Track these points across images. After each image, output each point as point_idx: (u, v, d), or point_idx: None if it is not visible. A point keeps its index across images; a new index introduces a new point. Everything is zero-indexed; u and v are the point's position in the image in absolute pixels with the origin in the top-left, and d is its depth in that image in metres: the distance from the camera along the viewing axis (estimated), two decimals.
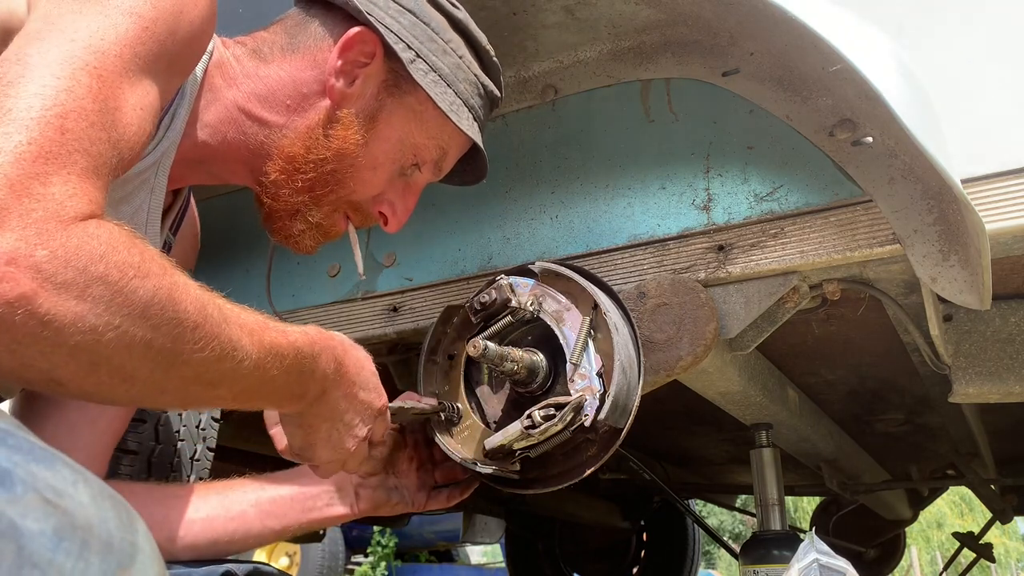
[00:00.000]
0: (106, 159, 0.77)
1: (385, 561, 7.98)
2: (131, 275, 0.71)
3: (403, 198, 1.21)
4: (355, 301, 1.66)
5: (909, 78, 1.08)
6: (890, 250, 1.22)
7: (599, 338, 1.19)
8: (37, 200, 0.68)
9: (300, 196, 1.12)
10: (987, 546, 3.43)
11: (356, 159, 1.12)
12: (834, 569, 1.42)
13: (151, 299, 0.72)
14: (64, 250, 0.67)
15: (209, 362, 0.79)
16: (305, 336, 0.94)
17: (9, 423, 0.51)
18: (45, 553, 0.43)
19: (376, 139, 1.13)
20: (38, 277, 0.65)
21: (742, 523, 17.03)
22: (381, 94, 1.13)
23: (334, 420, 1.03)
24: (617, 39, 1.43)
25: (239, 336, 0.82)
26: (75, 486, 0.48)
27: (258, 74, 1.10)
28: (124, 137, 0.81)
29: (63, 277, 0.66)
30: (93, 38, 0.79)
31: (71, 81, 0.75)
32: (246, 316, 0.86)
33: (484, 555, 12.79)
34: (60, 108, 0.73)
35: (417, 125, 1.15)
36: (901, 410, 2.51)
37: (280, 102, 1.10)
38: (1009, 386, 1.48)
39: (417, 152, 1.17)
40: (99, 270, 0.69)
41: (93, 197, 0.73)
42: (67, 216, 0.69)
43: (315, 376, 0.96)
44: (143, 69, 0.84)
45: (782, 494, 2.07)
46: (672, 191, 1.40)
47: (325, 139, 1.10)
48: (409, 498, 1.33)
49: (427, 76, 1.12)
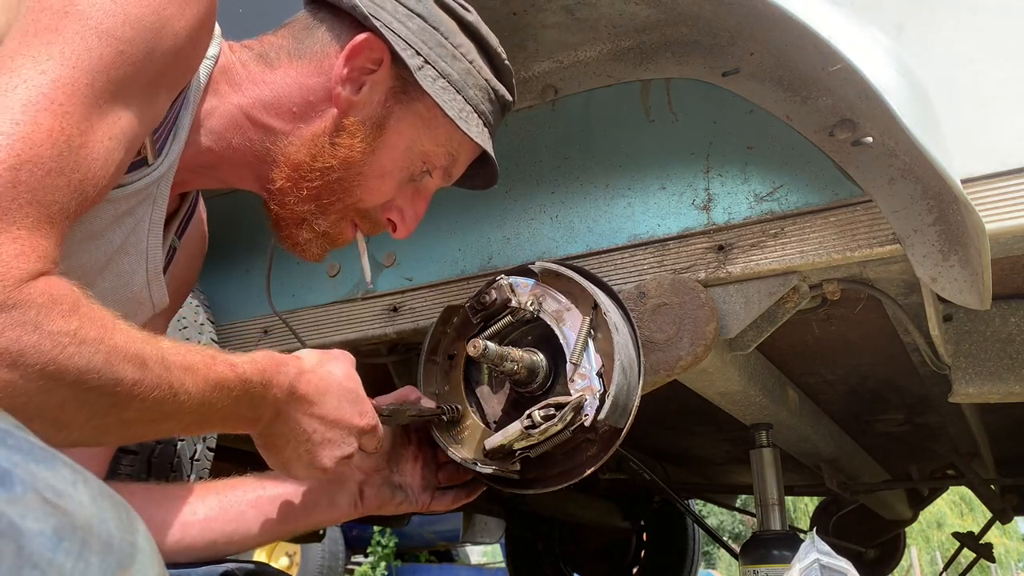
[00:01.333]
0: (63, 205, 0.77)
1: (385, 561, 7.98)
2: (65, 343, 0.72)
3: (413, 204, 1.19)
4: (355, 301, 1.66)
5: (909, 78, 1.08)
6: (890, 250, 1.22)
7: (599, 338, 1.19)
8: None
9: (306, 204, 1.10)
10: (987, 546, 3.43)
11: (363, 167, 1.10)
12: (835, 569, 1.42)
13: (86, 367, 0.73)
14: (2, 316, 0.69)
15: (150, 406, 0.80)
16: (254, 365, 0.95)
17: (9, 423, 0.51)
18: (45, 553, 0.43)
19: (384, 147, 1.11)
20: None
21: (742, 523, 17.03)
22: (389, 101, 1.10)
23: (298, 439, 1.04)
24: (617, 39, 1.43)
25: (181, 379, 0.83)
26: (75, 486, 0.48)
27: (264, 80, 1.08)
28: (88, 175, 0.81)
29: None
30: (64, 67, 0.79)
31: (31, 127, 0.75)
32: (192, 356, 0.87)
33: (484, 555, 12.79)
34: (15, 159, 0.73)
35: (426, 132, 1.13)
36: (901, 410, 2.51)
37: (286, 109, 1.08)
38: (1009, 386, 1.48)
39: (426, 159, 1.15)
40: (32, 340, 0.70)
41: (43, 251, 0.74)
42: (10, 279, 0.70)
43: (266, 401, 0.97)
44: (116, 95, 0.84)
45: (782, 494, 2.07)
46: (672, 191, 1.40)
47: (331, 147, 1.08)
48: (413, 497, 1.32)
49: (436, 83, 1.09)
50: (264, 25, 1.18)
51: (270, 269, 1.48)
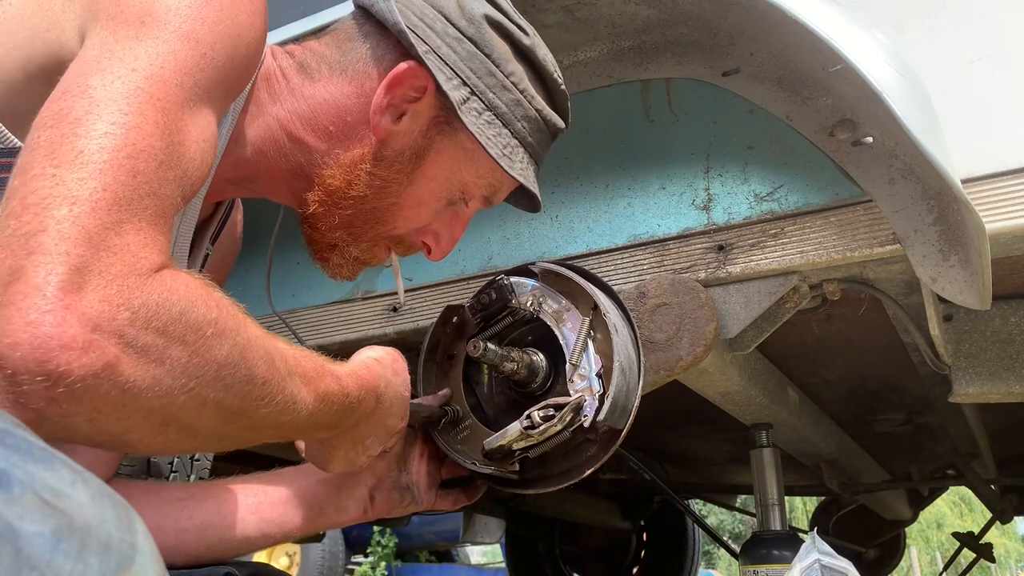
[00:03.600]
0: (172, 200, 0.75)
1: (385, 561, 7.98)
2: (208, 334, 0.70)
3: (450, 228, 1.14)
4: (355, 301, 1.66)
5: (909, 78, 1.08)
6: (890, 250, 1.22)
7: (599, 339, 1.18)
8: (114, 253, 0.66)
9: (338, 231, 1.08)
10: (987, 546, 3.43)
11: (399, 198, 1.07)
12: (836, 569, 1.42)
13: (226, 359, 0.71)
14: (145, 310, 0.65)
15: (271, 416, 0.79)
16: (355, 379, 0.95)
17: (8, 422, 0.51)
18: (43, 555, 0.43)
19: (422, 177, 1.07)
20: (121, 342, 0.63)
21: (742, 523, 17.03)
22: (431, 131, 1.06)
23: (356, 443, 1.04)
24: (617, 39, 1.43)
25: (299, 389, 0.82)
26: (74, 486, 0.48)
27: (303, 93, 1.04)
28: (188, 172, 0.78)
29: (144, 340, 0.65)
30: (153, 66, 0.76)
31: (139, 117, 0.73)
32: (306, 363, 0.86)
33: (484, 555, 12.79)
34: (131, 148, 0.71)
35: (467, 164, 1.08)
36: (901, 410, 2.50)
37: (322, 127, 1.03)
38: (1009, 386, 1.48)
39: (465, 189, 1.11)
40: (178, 331, 0.67)
41: (163, 246, 0.71)
42: (143, 270, 0.67)
43: (355, 414, 0.97)
44: (202, 98, 0.82)
45: (782, 494, 2.07)
46: (672, 191, 1.40)
47: (368, 177, 1.04)
48: (420, 497, 1.30)
49: (480, 117, 1.04)
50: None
51: (270, 269, 1.48)
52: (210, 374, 0.70)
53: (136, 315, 0.65)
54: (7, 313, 0.60)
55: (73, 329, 0.61)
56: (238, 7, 0.86)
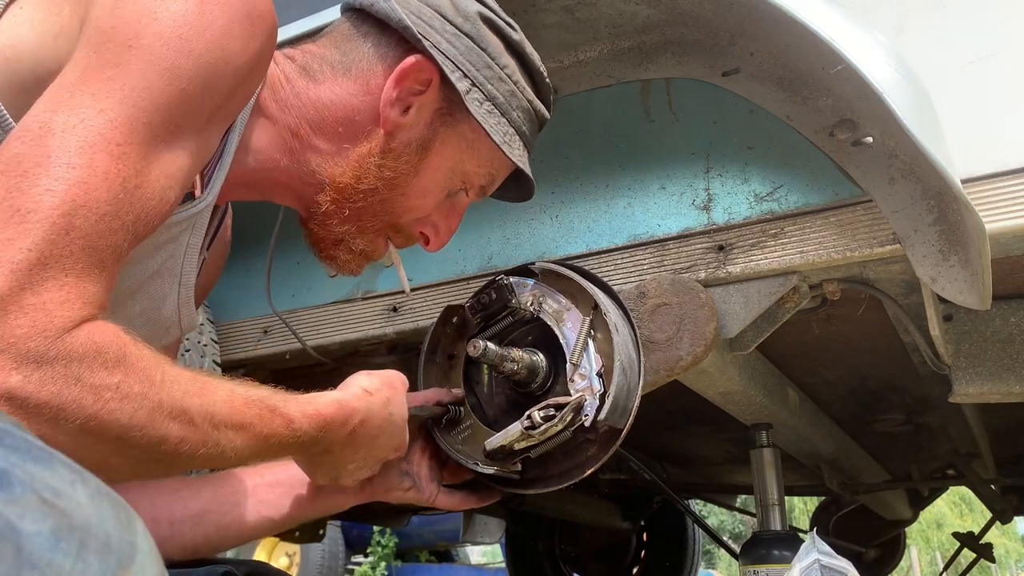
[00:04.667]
0: (115, 247, 0.76)
1: (385, 561, 7.98)
2: (107, 398, 0.71)
3: (447, 219, 1.19)
4: (355, 301, 1.66)
5: (909, 78, 1.08)
6: (890, 250, 1.22)
7: (599, 338, 1.19)
8: (25, 313, 0.67)
9: (347, 225, 1.10)
10: (987, 546, 3.42)
11: (406, 188, 1.10)
12: (836, 569, 1.42)
13: (128, 423, 0.72)
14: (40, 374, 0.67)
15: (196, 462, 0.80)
16: (316, 419, 0.96)
17: (7, 422, 0.51)
18: (43, 554, 0.43)
19: (428, 168, 1.10)
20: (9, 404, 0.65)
21: (742, 523, 17.02)
22: (435, 122, 1.10)
23: (337, 467, 1.08)
24: (617, 39, 1.43)
25: (231, 438, 0.83)
26: (73, 486, 0.48)
27: (308, 96, 1.06)
28: (141, 215, 0.79)
29: (35, 402, 0.66)
30: (124, 105, 0.77)
31: (87, 170, 0.73)
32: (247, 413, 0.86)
33: (484, 555, 12.79)
34: (69, 205, 0.72)
35: (469, 153, 1.13)
36: (901, 410, 2.50)
37: (332, 129, 1.06)
38: (1009, 386, 1.48)
39: (466, 178, 1.15)
40: (73, 395, 0.68)
41: (89, 296, 0.72)
42: (53, 330, 0.68)
43: (320, 444, 0.99)
44: (175, 134, 0.82)
45: (782, 494, 2.07)
46: (672, 191, 1.40)
47: (377, 169, 1.07)
48: (421, 485, 1.30)
49: (482, 107, 1.08)
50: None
51: (270, 269, 1.48)
52: (109, 436, 0.71)
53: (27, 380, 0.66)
54: None
55: None
56: (230, 34, 0.86)
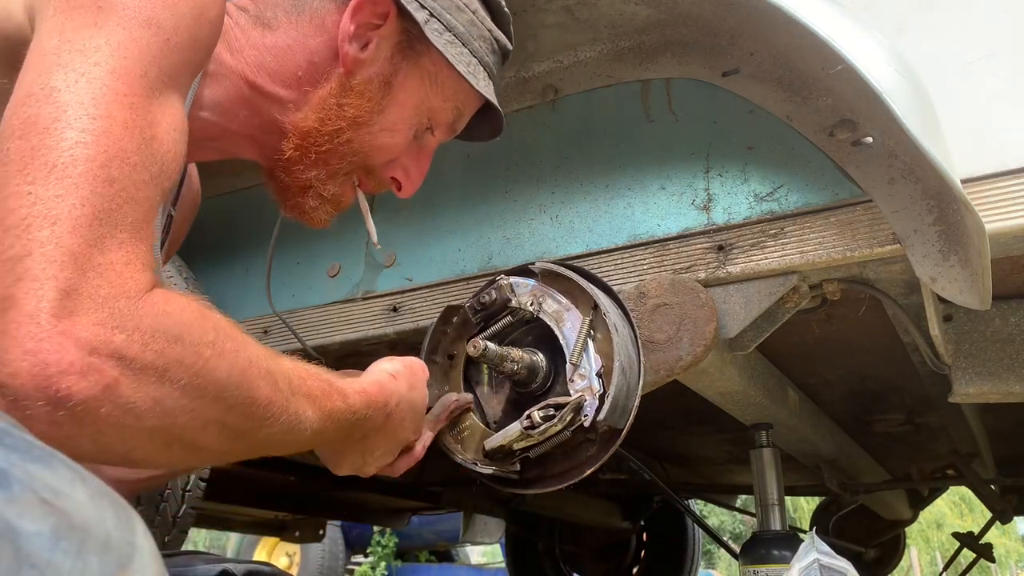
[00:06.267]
0: (151, 201, 0.73)
1: (385, 561, 7.98)
2: (207, 355, 0.69)
3: (417, 162, 1.16)
4: (355, 301, 1.66)
5: (909, 78, 1.08)
6: (890, 250, 1.21)
7: (599, 338, 1.18)
8: (100, 274, 0.64)
9: (314, 170, 1.07)
10: (987, 546, 3.42)
11: (372, 127, 1.07)
12: (835, 569, 1.42)
13: (227, 380, 0.71)
14: (140, 333, 0.65)
15: (275, 435, 0.79)
16: (363, 396, 0.95)
17: (6, 421, 0.51)
18: (43, 553, 0.43)
19: (392, 104, 1.08)
20: (119, 365, 0.63)
21: (742, 523, 17.02)
22: (396, 57, 1.07)
23: (364, 453, 1.06)
24: (617, 39, 1.43)
25: (304, 408, 0.82)
26: (72, 485, 0.48)
27: (264, 44, 1.03)
28: (164, 168, 0.76)
29: (142, 362, 0.64)
30: (115, 58, 0.74)
31: (107, 120, 0.70)
32: (311, 382, 0.86)
33: (484, 555, 12.78)
34: (104, 156, 0.69)
35: (433, 87, 1.10)
36: (901, 410, 2.50)
37: (290, 73, 1.03)
38: (1009, 386, 1.48)
39: (432, 115, 1.12)
40: (176, 353, 0.66)
41: (147, 259, 0.70)
42: (132, 292, 0.66)
43: (363, 429, 0.99)
44: (168, 85, 0.79)
45: (782, 494, 2.07)
46: (672, 191, 1.40)
47: (339, 109, 1.04)
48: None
49: (442, 36, 1.06)
50: None
51: (270, 269, 1.48)
52: (210, 395, 0.69)
53: (131, 338, 0.64)
54: (3, 343, 0.60)
55: (71, 354, 0.61)
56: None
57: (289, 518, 3.97)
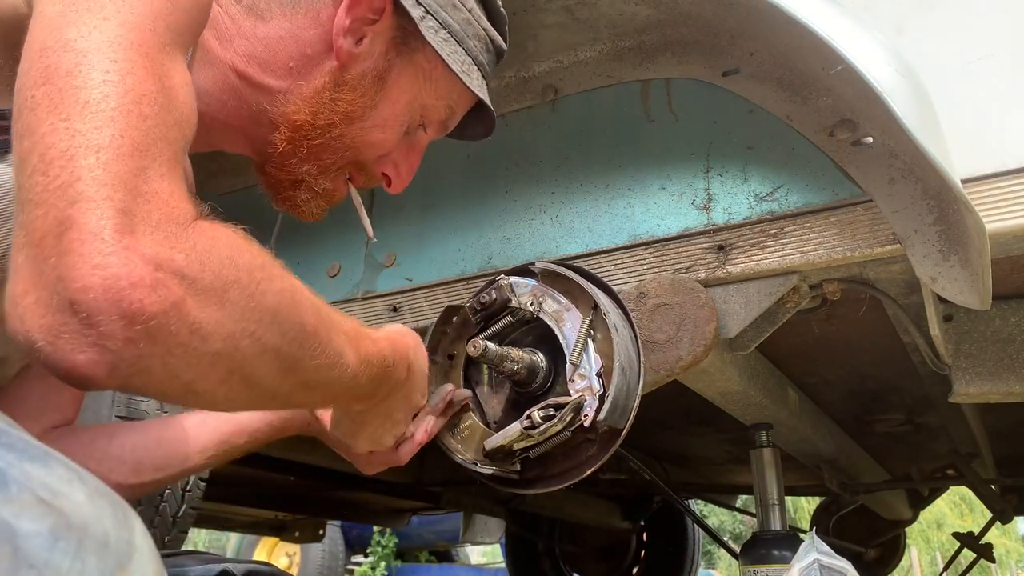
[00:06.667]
0: (179, 143, 0.73)
1: (385, 561, 7.98)
2: (259, 278, 0.69)
3: (407, 158, 1.16)
4: (355, 301, 1.66)
5: (909, 78, 1.08)
6: (890, 250, 1.21)
7: (599, 338, 1.18)
8: (149, 200, 0.64)
9: (306, 164, 1.06)
10: (987, 546, 3.42)
11: (365, 122, 1.06)
12: (835, 569, 1.42)
13: (278, 304, 0.71)
14: (197, 254, 0.65)
15: (320, 369, 0.78)
16: (388, 343, 0.94)
17: (3, 421, 0.51)
18: (41, 553, 0.42)
19: (385, 100, 1.07)
20: (183, 283, 0.63)
21: (742, 523, 17.02)
22: (390, 52, 1.06)
23: (385, 418, 1.05)
24: (617, 39, 1.43)
25: (343, 345, 0.82)
26: (70, 485, 0.48)
27: (256, 34, 1.01)
28: (184, 116, 0.75)
29: (203, 283, 0.64)
30: (123, 13, 0.73)
31: (128, 63, 0.70)
32: (346, 323, 0.85)
33: (484, 555, 12.78)
34: (133, 93, 0.68)
35: (426, 85, 1.09)
36: (901, 410, 2.50)
37: (282, 65, 1.02)
38: (1009, 386, 1.48)
39: (425, 112, 1.12)
40: (232, 274, 0.67)
41: (185, 192, 0.69)
42: (182, 217, 0.66)
43: (389, 382, 0.97)
44: (176, 42, 0.79)
45: (782, 494, 2.07)
46: (672, 191, 1.39)
47: (332, 103, 1.03)
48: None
49: (437, 34, 1.05)
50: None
51: None
52: (267, 318, 0.70)
53: (190, 258, 0.64)
54: (70, 260, 0.60)
55: (139, 269, 0.61)
56: None
57: (289, 518, 3.98)
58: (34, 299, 0.60)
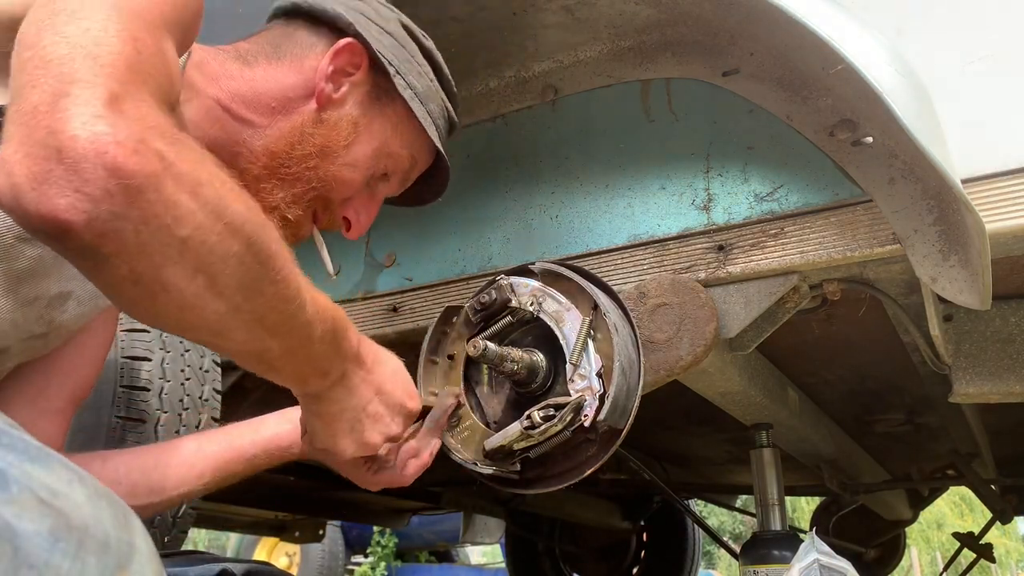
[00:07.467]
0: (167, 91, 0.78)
1: (385, 561, 7.98)
2: (229, 187, 0.74)
3: (367, 207, 1.24)
4: (355, 301, 1.66)
5: (909, 78, 1.08)
6: (890, 250, 1.21)
7: (599, 338, 1.18)
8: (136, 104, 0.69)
9: (280, 191, 1.11)
10: (987, 546, 3.42)
11: (338, 159, 1.15)
12: (835, 569, 1.42)
13: (245, 215, 0.75)
14: (176, 147, 0.70)
15: (280, 300, 0.81)
16: (337, 310, 0.95)
17: (4, 422, 0.51)
18: (41, 554, 0.43)
19: (358, 142, 1.16)
20: (162, 162, 0.67)
21: (742, 523, 17.02)
22: (364, 102, 1.17)
23: (355, 410, 1.02)
24: (617, 39, 1.43)
25: (300, 282, 0.84)
26: (71, 486, 0.48)
27: (242, 76, 1.11)
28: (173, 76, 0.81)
29: (179, 169, 0.69)
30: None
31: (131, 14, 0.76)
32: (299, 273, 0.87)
33: (484, 555, 12.78)
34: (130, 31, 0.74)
35: (394, 134, 1.20)
36: (901, 410, 2.50)
37: (265, 104, 1.11)
38: (1009, 386, 1.48)
39: (390, 161, 1.21)
40: (204, 175, 0.71)
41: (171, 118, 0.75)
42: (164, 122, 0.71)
43: (340, 351, 0.96)
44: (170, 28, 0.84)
45: (782, 494, 2.07)
46: (672, 191, 1.39)
47: (310, 137, 1.12)
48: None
49: (407, 91, 1.18)
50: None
51: None
52: (236, 223, 0.73)
53: (169, 147, 0.69)
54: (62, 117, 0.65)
55: (123, 132, 0.65)
56: None
57: (289, 518, 3.98)
58: (23, 154, 0.64)
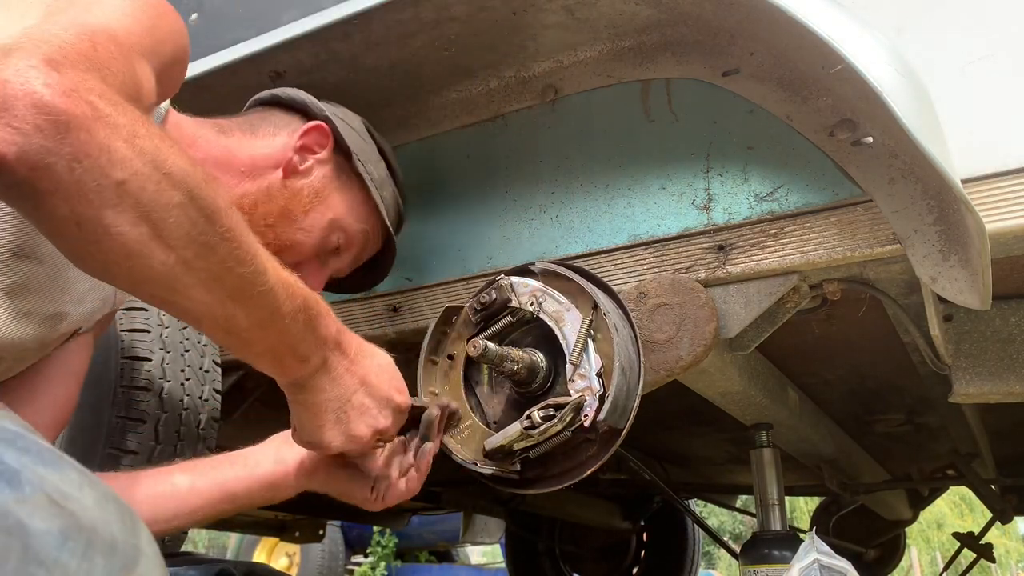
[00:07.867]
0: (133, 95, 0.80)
1: (385, 561, 7.98)
2: (168, 145, 0.75)
3: (315, 276, 1.32)
4: (355, 301, 1.67)
5: (909, 78, 1.09)
6: (890, 250, 1.22)
7: (599, 338, 1.19)
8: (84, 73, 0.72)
9: None
10: (987, 546, 3.42)
11: (294, 224, 1.26)
12: (835, 569, 1.42)
13: (187, 170, 0.75)
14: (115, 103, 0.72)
15: (235, 261, 0.79)
16: (311, 293, 0.93)
17: (20, 426, 0.51)
18: (51, 552, 0.43)
19: (315, 211, 1.28)
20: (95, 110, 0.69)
21: (742, 523, 17.02)
22: (327, 177, 1.30)
23: (339, 401, 0.99)
24: (617, 39, 1.43)
25: (258, 250, 0.83)
26: (81, 489, 0.48)
27: (218, 142, 1.21)
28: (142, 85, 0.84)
29: (115, 119, 0.70)
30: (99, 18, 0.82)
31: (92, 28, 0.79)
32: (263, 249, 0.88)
33: (484, 555, 12.78)
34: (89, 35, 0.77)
35: (351, 210, 1.32)
36: (901, 410, 2.51)
37: (235, 168, 1.22)
38: (1009, 386, 1.48)
39: (344, 234, 1.32)
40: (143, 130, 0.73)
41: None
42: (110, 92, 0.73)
43: (317, 335, 0.93)
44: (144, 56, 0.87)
45: (782, 494, 2.07)
46: (672, 191, 1.40)
47: (273, 199, 1.24)
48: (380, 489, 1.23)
49: (366, 175, 1.32)
50: None
51: None
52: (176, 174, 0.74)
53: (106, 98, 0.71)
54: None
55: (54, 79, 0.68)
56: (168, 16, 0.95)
57: (289, 518, 3.97)
58: None
